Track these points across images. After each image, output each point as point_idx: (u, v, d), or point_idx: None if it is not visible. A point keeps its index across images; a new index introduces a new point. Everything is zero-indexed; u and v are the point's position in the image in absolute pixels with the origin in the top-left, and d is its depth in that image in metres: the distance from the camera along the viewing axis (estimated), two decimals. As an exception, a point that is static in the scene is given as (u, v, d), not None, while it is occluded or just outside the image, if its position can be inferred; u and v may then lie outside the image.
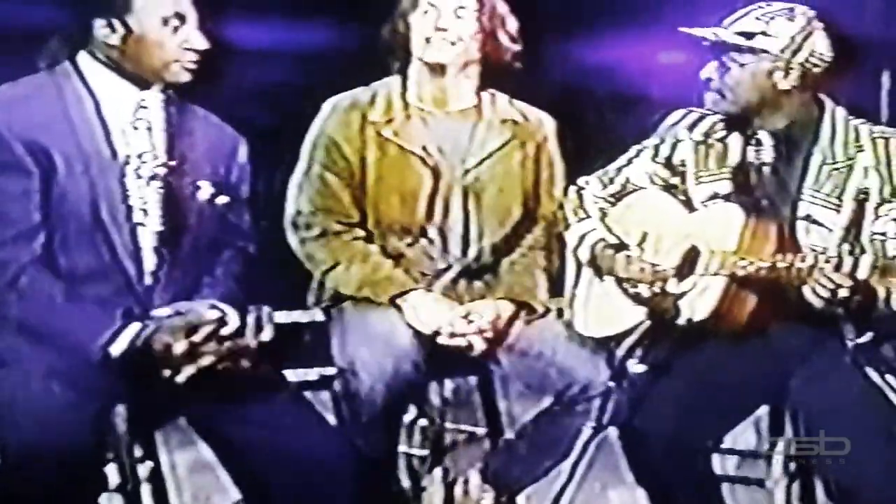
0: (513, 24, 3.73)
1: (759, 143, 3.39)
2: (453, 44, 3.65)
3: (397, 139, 3.68)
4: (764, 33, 3.29)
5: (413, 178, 3.67)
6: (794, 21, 3.31)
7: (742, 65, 3.31)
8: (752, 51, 3.30)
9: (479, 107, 3.75)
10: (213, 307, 3.05)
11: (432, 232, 3.69)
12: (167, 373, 2.98)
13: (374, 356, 3.49)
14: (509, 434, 3.78)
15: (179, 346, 2.98)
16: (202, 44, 3.09)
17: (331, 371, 3.59)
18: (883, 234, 3.30)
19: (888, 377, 3.25)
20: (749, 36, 3.30)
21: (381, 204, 3.67)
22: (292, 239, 3.69)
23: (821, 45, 3.32)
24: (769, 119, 3.37)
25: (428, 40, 3.65)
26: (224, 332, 3.02)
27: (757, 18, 3.31)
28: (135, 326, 2.98)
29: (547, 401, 3.63)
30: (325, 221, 3.66)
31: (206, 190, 3.15)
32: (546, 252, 3.74)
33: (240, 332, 3.04)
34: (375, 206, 3.67)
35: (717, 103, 3.36)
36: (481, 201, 3.70)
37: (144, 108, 3.10)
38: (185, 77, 3.10)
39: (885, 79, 5.31)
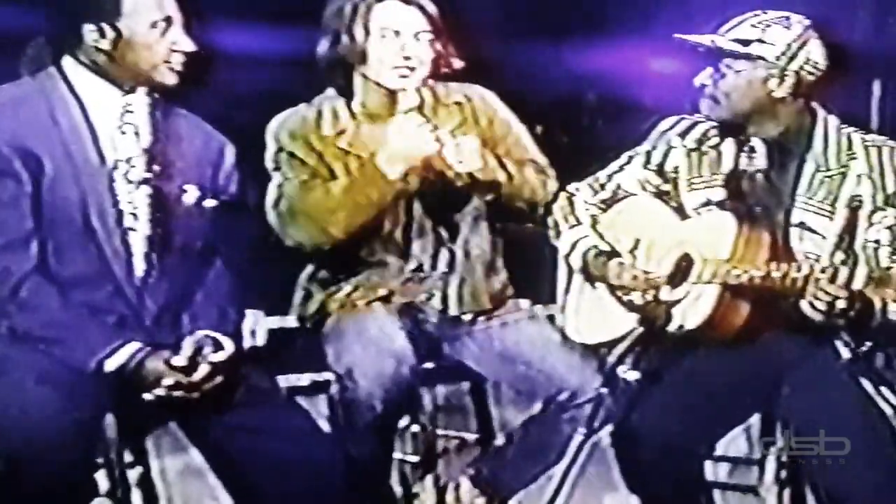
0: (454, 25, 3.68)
1: (752, 150, 3.39)
2: (415, 68, 3.61)
3: (353, 150, 3.63)
4: (760, 41, 3.29)
5: (379, 184, 3.58)
6: (790, 29, 3.31)
7: (737, 72, 3.31)
8: (747, 58, 3.30)
9: (422, 104, 3.68)
10: (217, 345, 3.04)
11: (414, 229, 3.65)
12: (147, 396, 2.97)
13: (371, 360, 3.47)
14: (500, 440, 3.78)
15: (169, 380, 2.97)
16: (189, 46, 3.08)
17: (323, 377, 3.58)
18: (876, 241, 3.30)
19: (882, 389, 3.26)
20: (745, 43, 3.30)
21: (355, 216, 3.59)
22: (278, 228, 3.63)
23: (816, 54, 3.33)
24: (763, 126, 3.37)
25: (394, 69, 3.59)
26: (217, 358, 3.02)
27: (753, 26, 3.31)
28: (132, 346, 2.97)
29: (536, 406, 3.62)
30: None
31: (192, 193, 3.13)
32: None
33: (232, 357, 3.05)
34: (349, 218, 3.59)
35: (712, 110, 3.36)
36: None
37: (131, 112, 3.08)
38: (172, 79, 3.09)
39: (876, 88, 5.33)
